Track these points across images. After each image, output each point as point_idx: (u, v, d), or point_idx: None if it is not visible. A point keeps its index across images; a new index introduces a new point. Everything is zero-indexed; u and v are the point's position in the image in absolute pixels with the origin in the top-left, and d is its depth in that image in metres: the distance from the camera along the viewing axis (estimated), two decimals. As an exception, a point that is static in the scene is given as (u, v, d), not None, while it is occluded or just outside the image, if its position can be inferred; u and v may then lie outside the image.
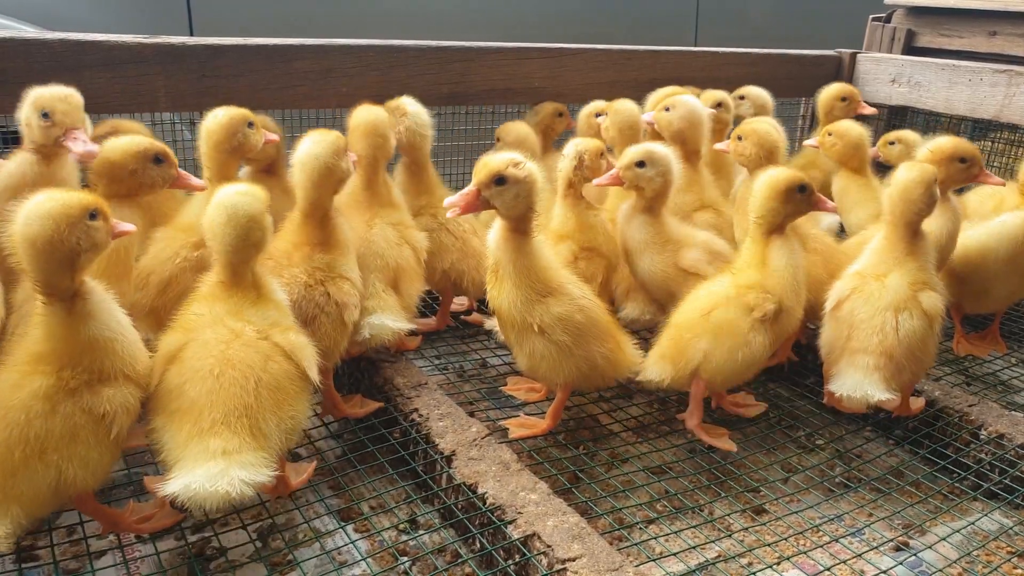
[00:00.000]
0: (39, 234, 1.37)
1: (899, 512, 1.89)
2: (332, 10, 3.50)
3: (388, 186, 2.29)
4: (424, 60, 2.66)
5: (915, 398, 2.19)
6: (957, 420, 2.13)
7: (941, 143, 2.39)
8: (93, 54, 2.20)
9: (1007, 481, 1.96)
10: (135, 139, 1.91)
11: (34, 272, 1.41)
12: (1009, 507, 1.94)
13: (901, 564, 1.74)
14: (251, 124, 2.04)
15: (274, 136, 2.17)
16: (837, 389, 1.96)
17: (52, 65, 2.15)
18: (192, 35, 2.89)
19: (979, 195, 2.67)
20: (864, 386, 1.92)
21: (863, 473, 2.05)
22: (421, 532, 1.79)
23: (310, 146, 1.92)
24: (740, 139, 2.48)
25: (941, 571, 1.70)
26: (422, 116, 2.40)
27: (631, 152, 2.20)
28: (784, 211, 2.00)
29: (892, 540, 1.80)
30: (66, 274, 1.41)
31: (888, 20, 3.90)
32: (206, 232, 1.63)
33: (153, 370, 1.57)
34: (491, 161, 1.88)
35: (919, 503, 1.93)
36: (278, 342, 1.59)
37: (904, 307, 1.97)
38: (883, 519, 1.87)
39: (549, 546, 1.53)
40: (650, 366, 2.03)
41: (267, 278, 1.69)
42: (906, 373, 1.97)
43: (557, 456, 2.05)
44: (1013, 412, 2.14)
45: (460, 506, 1.75)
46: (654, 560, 1.69)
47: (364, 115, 2.22)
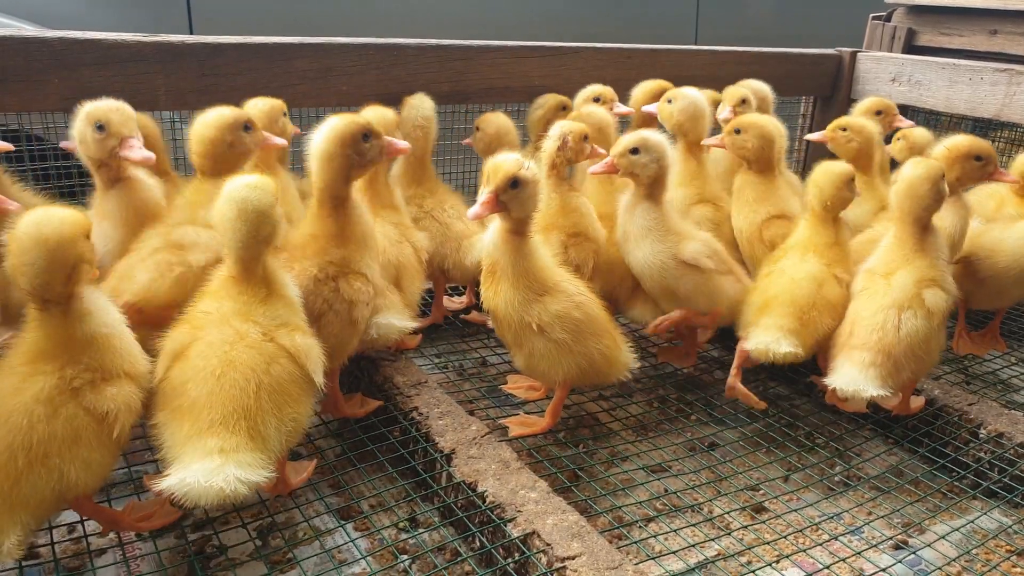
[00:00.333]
0: (54, 234, 1.38)
1: (898, 510, 1.90)
2: (332, 9, 3.50)
3: (389, 188, 2.30)
4: (424, 58, 2.66)
5: (915, 397, 2.20)
6: (956, 419, 2.13)
7: (957, 141, 2.38)
8: (93, 52, 2.20)
9: (1006, 480, 1.96)
10: (221, 111, 1.90)
11: (33, 274, 1.39)
12: (1008, 506, 1.94)
13: (900, 562, 1.74)
14: (285, 113, 2.13)
15: (281, 141, 2.15)
16: (832, 382, 1.96)
17: (52, 63, 2.15)
18: (192, 34, 2.89)
19: (978, 195, 2.66)
20: (858, 381, 1.92)
21: (862, 471, 2.05)
22: (421, 530, 1.79)
23: (323, 131, 1.91)
24: (738, 132, 2.42)
25: (940, 569, 1.70)
26: (421, 111, 2.42)
27: (625, 139, 2.19)
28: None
29: (891, 538, 1.80)
30: (66, 280, 1.41)
31: (888, 19, 3.90)
32: (216, 226, 1.62)
33: (158, 365, 1.56)
34: (503, 164, 1.86)
35: (918, 501, 1.93)
36: (284, 344, 1.57)
37: (908, 305, 1.97)
38: (883, 517, 1.87)
39: (548, 544, 1.53)
40: (781, 338, 2.02)
41: (279, 273, 1.67)
42: (905, 371, 1.96)
43: (557, 454, 2.05)
44: (1012, 411, 2.15)
45: (460, 504, 1.76)
46: (653, 558, 1.69)
47: (369, 116, 2.22)
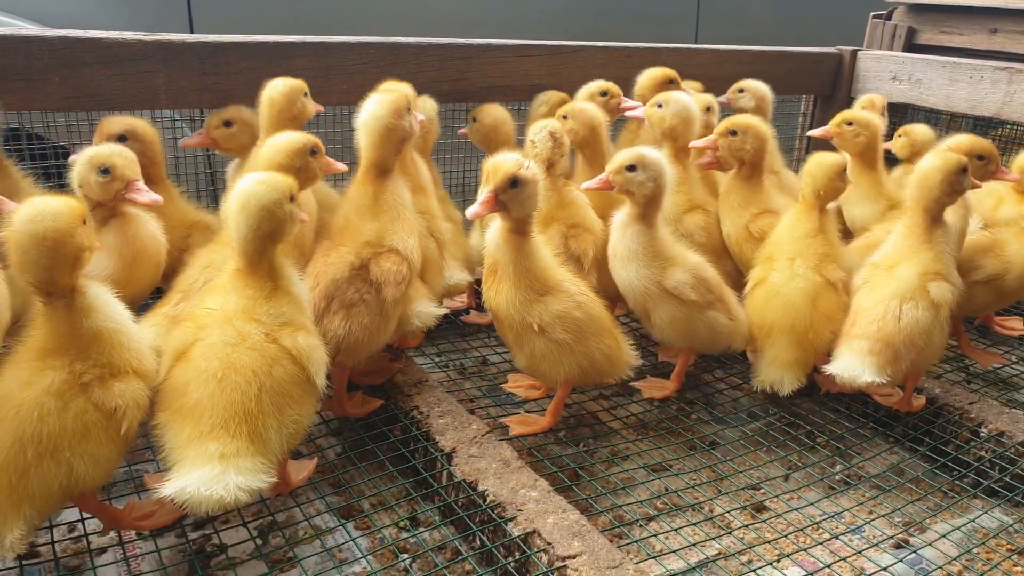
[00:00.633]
0: (50, 230, 1.37)
1: (899, 509, 1.90)
2: (332, 8, 3.50)
3: (418, 168, 2.30)
4: (424, 57, 2.66)
5: (915, 395, 2.20)
6: (957, 417, 2.13)
7: (959, 140, 2.38)
8: (93, 51, 2.19)
9: (1007, 479, 1.96)
10: (291, 137, 1.89)
11: (36, 270, 1.40)
12: (1009, 505, 1.94)
13: (901, 561, 1.74)
14: (306, 94, 2.18)
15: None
16: (830, 369, 1.99)
17: (52, 63, 2.15)
18: (192, 33, 2.88)
19: (976, 194, 2.66)
20: (854, 368, 1.95)
21: (863, 470, 2.05)
22: (421, 529, 1.79)
23: (372, 106, 1.94)
24: (734, 134, 2.38)
25: (941, 568, 1.70)
26: (423, 112, 2.40)
27: (621, 156, 2.10)
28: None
29: (892, 537, 1.80)
30: (70, 271, 1.42)
31: (889, 17, 3.89)
32: (224, 217, 1.62)
33: (162, 363, 1.57)
34: (503, 164, 1.85)
35: (919, 500, 1.93)
36: (286, 345, 1.56)
37: (911, 296, 1.98)
38: (883, 516, 1.87)
39: (549, 543, 1.53)
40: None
41: (287, 268, 1.65)
42: (905, 361, 1.97)
43: (557, 453, 2.05)
44: (1013, 409, 2.14)
45: (460, 503, 1.75)
46: (654, 557, 1.69)
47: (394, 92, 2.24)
